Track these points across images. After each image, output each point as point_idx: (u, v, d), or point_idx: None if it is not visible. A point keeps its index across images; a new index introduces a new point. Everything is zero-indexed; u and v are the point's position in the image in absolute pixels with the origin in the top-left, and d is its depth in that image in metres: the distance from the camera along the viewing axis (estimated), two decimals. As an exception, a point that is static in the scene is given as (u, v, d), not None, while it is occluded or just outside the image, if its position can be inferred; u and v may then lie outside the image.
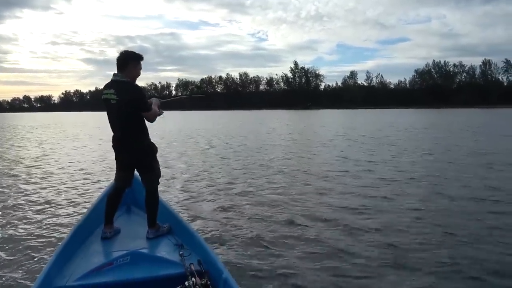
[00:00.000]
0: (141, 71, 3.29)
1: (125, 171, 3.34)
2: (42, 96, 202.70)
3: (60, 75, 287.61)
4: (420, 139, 16.60)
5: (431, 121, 32.76)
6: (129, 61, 3.17)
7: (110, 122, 3.24)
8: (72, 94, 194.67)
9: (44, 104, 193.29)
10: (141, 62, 3.28)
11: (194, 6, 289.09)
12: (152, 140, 3.33)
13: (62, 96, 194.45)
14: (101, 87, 3.44)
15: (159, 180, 3.41)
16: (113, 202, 3.34)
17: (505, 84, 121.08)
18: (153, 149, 3.31)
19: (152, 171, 3.31)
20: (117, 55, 3.21)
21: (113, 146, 3.30)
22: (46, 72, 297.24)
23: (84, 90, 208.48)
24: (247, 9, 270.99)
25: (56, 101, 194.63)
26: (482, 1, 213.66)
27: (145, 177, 3.33)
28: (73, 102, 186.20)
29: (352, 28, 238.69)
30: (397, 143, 14.68)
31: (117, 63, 3.17)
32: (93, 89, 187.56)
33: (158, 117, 3.34)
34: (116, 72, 3.18)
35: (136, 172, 3.37)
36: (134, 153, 3.22)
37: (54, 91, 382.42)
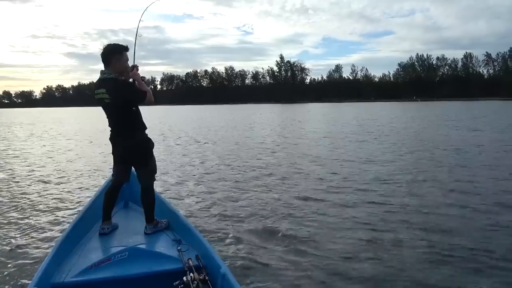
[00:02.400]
0: (128, 63, 3.19)
1: (121, 166, 3.33)
2: (23, 91, 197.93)
3: (42, 70, 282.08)
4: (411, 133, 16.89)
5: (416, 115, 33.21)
6: (111, 55, 3.08)
7: (107, 119, 3.22)
8: (54, 89, 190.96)
9: (25, 100, 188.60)
10: (127, 53, 3.17)
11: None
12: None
13: (44, 91, 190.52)
14: (85, 82, 3.43)
15: (155, 176, 3.38)
16: (110, 197, 3.33)
17: (485, 77, 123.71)
18: (148, 144, 3.27)
19: (146, 167, 3.29)
20: (100, 49, 3.14)
21: (110, 140, 3.29)
22: (26, 66, 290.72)
23: (67, 85, 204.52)
24: (232, 2, 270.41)
25: (38, 97, 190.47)
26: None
27: (140, 173, 3.31)
28: (55, 97, 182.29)
29: (337, 21, 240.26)
30: (386, 141, 14.90)
31: (101, 60, 3.11)
32: (76, 84, 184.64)
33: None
34: (103, 69, 3.13)
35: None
36: (128, 148, 3.19)
37: (35, 86, 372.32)
